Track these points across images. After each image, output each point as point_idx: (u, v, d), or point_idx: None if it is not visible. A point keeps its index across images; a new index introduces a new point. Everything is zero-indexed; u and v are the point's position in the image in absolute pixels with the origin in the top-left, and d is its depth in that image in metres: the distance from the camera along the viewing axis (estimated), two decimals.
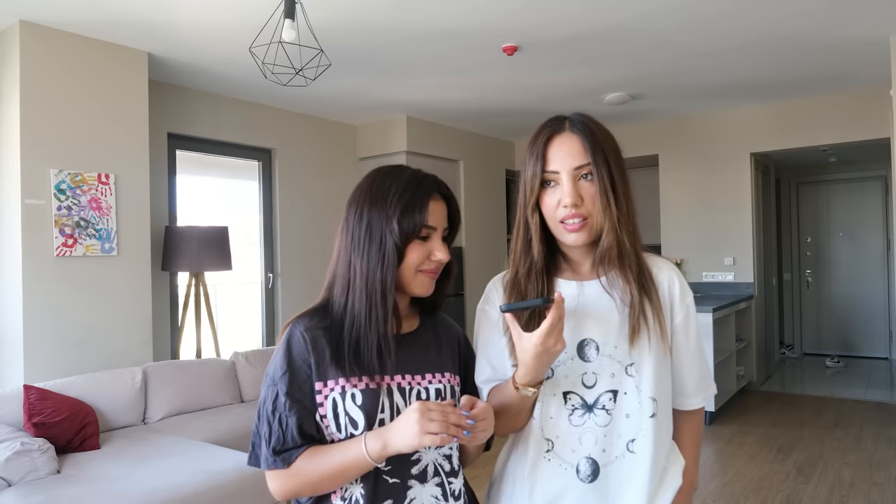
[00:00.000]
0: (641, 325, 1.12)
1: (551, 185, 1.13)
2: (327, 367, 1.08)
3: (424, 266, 1.13)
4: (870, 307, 7.35)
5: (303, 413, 1.07)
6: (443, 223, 1.15)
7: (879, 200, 7.27)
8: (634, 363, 1.12)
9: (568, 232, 1.11)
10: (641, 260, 1.17)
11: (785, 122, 5.50)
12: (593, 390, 1.12)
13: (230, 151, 4.90)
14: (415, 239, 1.11)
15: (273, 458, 1.06)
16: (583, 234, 1.11)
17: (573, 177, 1.11)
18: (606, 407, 1.12)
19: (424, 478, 1.10)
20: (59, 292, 3.34)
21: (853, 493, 3.43)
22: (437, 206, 1.13)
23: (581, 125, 1.15)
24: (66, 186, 3.36)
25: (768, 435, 4.51)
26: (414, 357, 1.15)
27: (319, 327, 1.11)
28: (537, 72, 4.36)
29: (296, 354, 1.09)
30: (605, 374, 1.12)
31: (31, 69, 3.26)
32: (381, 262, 1.09)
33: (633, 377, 1.12)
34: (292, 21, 2.69)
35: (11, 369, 3.31)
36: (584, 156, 1.12)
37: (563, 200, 1.10)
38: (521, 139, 6.99)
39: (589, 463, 1.12)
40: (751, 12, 3.38)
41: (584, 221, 1.11)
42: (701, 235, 5.92)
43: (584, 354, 1.13)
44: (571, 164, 1.11)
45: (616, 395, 1.12)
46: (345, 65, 4.06)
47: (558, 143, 1.13)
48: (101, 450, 2.92)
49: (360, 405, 1.06)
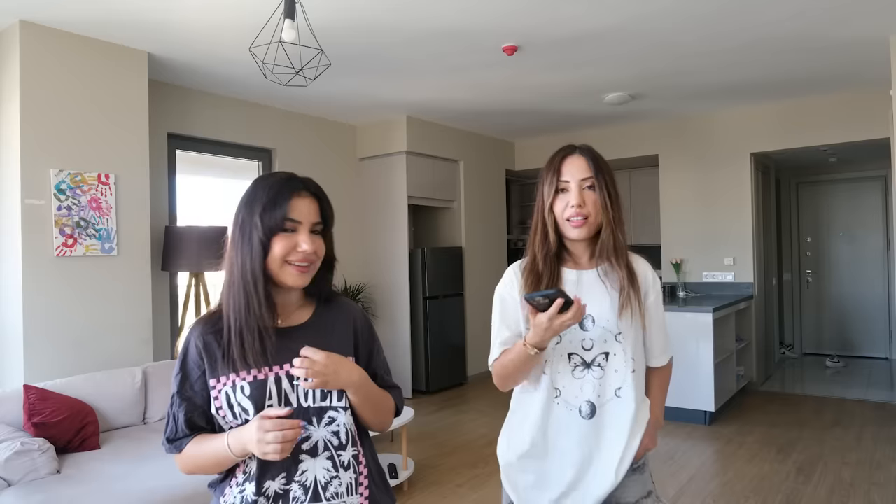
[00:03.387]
0: (627, 304, 1.51)
1: (563, 192, 1.53)
2: (219, 366, 1.22)
3: (292, 257, 1.21)
4: (870, 307, 7.35)
5: (191, 408, 1.23)
6: (310, 217, 1.23)
7: (879, 200, 7.26)
8: (622, 332, 1.52)
9: (573, 227, 1.51)
10: (628, 255, 1.57)
11: (785, 122, 5.50)
12: (591, 352, 1.53)
13: (230, 151, 4.90)
14: (279, 232, 1.20)
15: (168, 446, 1.26)
16: (584, 229, 1.51)
17: (579, 186, 1.51)
18: (601, 364, 1.52)
19: (315, 452, 1.23)
20: (59, 292, 3.34)
21: (853, 493, 3.43)
22: (302, 201, 1.23)
23: (588, 151, 1.55)
24: (66, 186, 3.36)
25: (768, 435, 4.51)
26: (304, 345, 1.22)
27: (211, 332, 1.23)
28: (537, 72, 4.36)
29: (189, 360, 1.24)
30: (599, 341, 1.52)
31: (31, 69, 3.26)
32: (249, 255, 1.19)
33: (621, 343, 1.52)
34: (292, 21, 2.69)
35: (11, 369, 3.31)
36: (589, 171, 1.52)
37: (570, 202, 1.50)
38: (521, 139, 6.99)
39: (588, 405, 1.52)
40: (751, 13, 3.38)
41: (585, 220, 1.50)
42: (701, 235, 5.92)
43: (583, 325, 1.53)
44: (579, 176, 1.51)
45: (608, 356, 1.52)
46: (345, 65, 4.06)
47: (570, 161, 1.54)
48: (101, 450, 2.92)
49: (249, 396, 1.20)
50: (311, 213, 1.23)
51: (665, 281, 6.13)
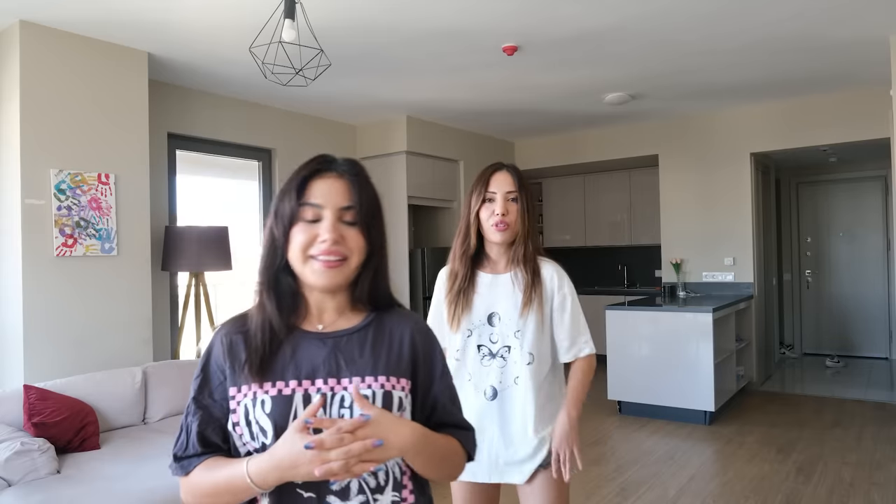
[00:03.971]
0: (528, 305, 1.75)
1: (489, 202, 1.79)
2: (241, 373, 1.03)
3: (313, 249, 1.02)
4: (870, 307, 7.34)
5: (205, 419, 1.03)
6: (335, 201, 1.03)
7: (879, 200, 7.26)
8: (520, 330, 1.77)
9: (496, 231, 1.76)
10: (536, 262, 1.81)
11: (785, 122, 5.50)
12: (496, 345, 1.80)
13: (230, 151, 4.90)
14: (298, 221, 1.03)
15: (175, 465, 1.03)
16: (506, 234, 1.77)
17: (505, 197, 1.77)
18: (503, 356, 1.79)
19: (346, 495, 1.00)
20: (59, 292, 3.34)
21: (853, 493, 3.43)
22: (325, 182, 1.05)
23: (514, 169, 1.83)
24: (66, 186, 3.36)
25: (768, 435, 4.51)
26: (345, 357, 1.04)
27: (240, 331, 1.06)
28: (537, 72, 4.36)
29: (213, 360, 1.06)
30: (502, 336, 1.79)
31: (31, 69, 3.26)
32: (270, 250, 1.05)
33: (519, 339, 1.77)
34: (292, 21, 2.69)
35: (11, 369, 3.31)
36: (514, 186, 1.79)
37: (495, 210, 1.76)
38: (521, 139, 6.99)
39: (492, 389, 1.79)
40: (751, 12, 3.38)
41: (507, 227, 1.76)
42: (701, 235, 5.92)
43: (491, 322, 1.80)
44: (505, 189, 1.78)
45: (510, 349, 1.78)
46: (345, 65, 4.06)
47: (498, 176, 1.81)
48: (101, 450, 2.91)
49: (269, 413, 0.99)
50: (337, 196, 1.03)
51: (665, 281, 6.13)
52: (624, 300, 6.04)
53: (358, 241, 1.04)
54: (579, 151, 6.64)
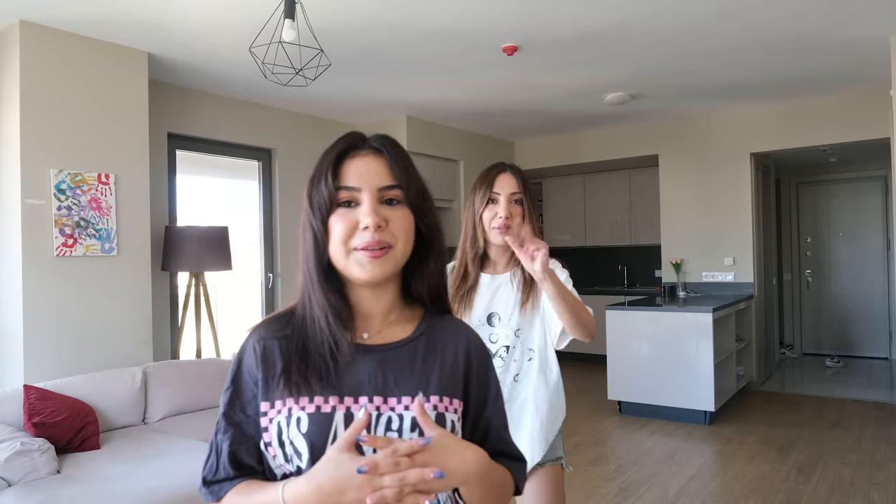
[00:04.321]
0: (526, 303, 1.75)
1: (492, 203, 1.76)
2: (276, 385, 0.90)
3: (355, 240, 0.89)
4: (870, 307, 7.34)
5: (238, 438, 0.92)
6: (373, 180, 0.91)
7: (879, 200, 7.26)
8: (520, 328, 1.76)
9: (499, 233, 1.73)
10: None
11: (785, 122, 5.50)
12: (496, 345, 1.77)
13: (230, 151, 4.90)
14: (334, 207, 0.91)
15: (205, 490, 0.92)
16: (507, 236, 1.68)
17: (508, 199, 1.75)
18: (502, 355, 1.77)
19: None
20: (59, 292, 3.34)
21: (853, 493, 3.43)
22: (360, 161, 0.92)
23: (518, 170, 1.81)
24: (66, 186, 3.36)
25: (768, 435, 4.51)
26: (394, 373, 0.92)
27: (276, 336, 0.93)
28: (537, 72, 4.36)
29: (245, 369, 0.93)
30: (502, 335, 1.78)
31: (31, 69, 3.26)
32: (314, 244, 0.92)
33: (519, 337, 1.77)
34: (292, 21, 2.69)
35: (11, 369, 3.31)
36: (518, 188, 1.77)
37: (499, 212, 1.74)
38: (521, 139, 6.99)
39: None
40: (751, 12, 3.38)
41: (508, 228, 1.72)
42: (701, 235, 5.92)
43: (490, 322, 1.79)
44: (509, 191, 1.76)
45: (509, 349, 1.77)
46: (345, 65, 4.06)
47: (502, 177, 1.78)
48: (101, 450, 2.91)
49: (306, 433, 0.86)
50: (375, 175, 0.91)
51: (665, 281, 6.13)
52: (624, 300, 6.04)
53: (404, 224, 0.91)
54: (579, 151, 6.64)
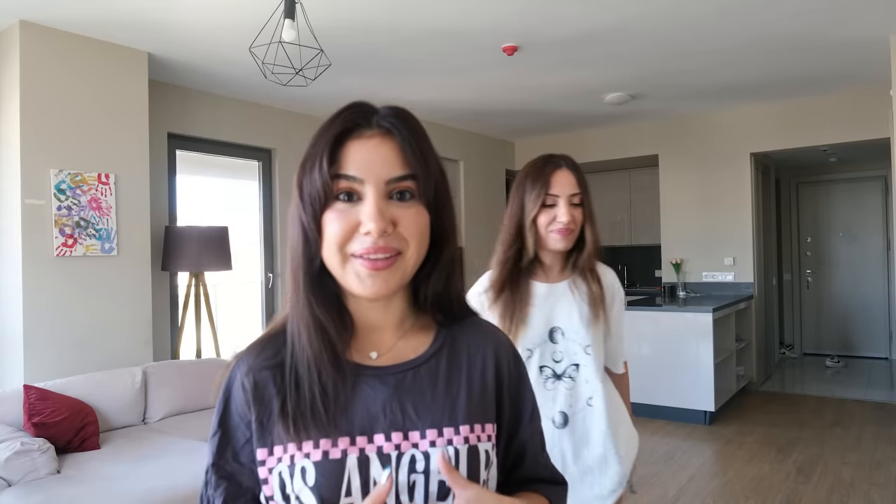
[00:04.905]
0: (598, 316, 1.54)
1: (549, 206, 1.52)
2: (273, 427, 0.73)
3: (354, 245, 0.71)
4: (870, 307, 7.34)
5: (233, 493, 0.75)
6: (381, 171, 0.72)
7: (879, 200, 7.26)
8: (591, 344, 1.53)
9: (559, 238, 1.51)
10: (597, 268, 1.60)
11: (785, 122, 5.50)
12: (561, 364, 1.54)
13: (230, 151, 4.90)
14: (332, 202, 0.72)
15: None
16: (568, 240, 1.53)
17: (568, 201, 1.51)
18: (571, 375, 1.54)
19: None
20: (59, 292, 3.34)
21: (853, 493, 3.43)
22: (364, 145, 0.73)
23: (574, 166, 1.56)
24: (66, 186, 3.36)
25: (768, 435, 4.51)
26: (413, 401, 0.75)
27: (268, 366, 0.75)
28: (537, 72, 4.36)
29: (234, 409, 0.76)
30: (568, 353, 1.54)
31: (31, 69, 3.26)
32: (303, 246, 0.74)
33: (590, 355, 1.53)
34: (292, 21, 2.69)
35: (11, 369, 3.31)
36: (577, 188, 1.53)
37: (558, 217, 1.50)
38: (521, 139, 6.99)
39: (562, 415, 1.54)
40: (751, 12, 3.38)
41: (571, 233, 1.52)
42: (701, 235, 5.92)
43: (553, 338, 1.55)
44: (568, 192, 1.52)
45: (578, 367, 1.54)
46: (345, 65, 4.06)
47: (559, 175, 1.52)
48: (101, 450, 2.91)
49: (314, 485, 0.70)
50: (383, 163, 0.72)
51: (665, 281, 6.13)
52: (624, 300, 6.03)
53: (417, 224, 0.73)
54: (579, 151, 6.64)
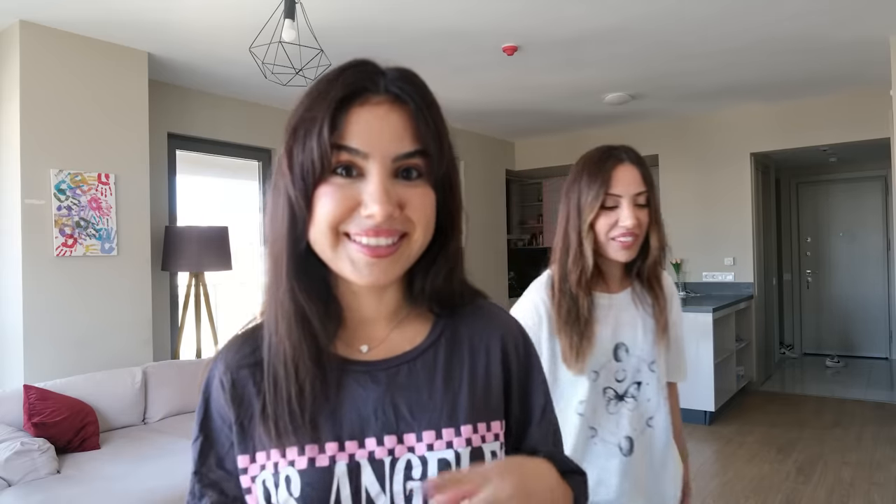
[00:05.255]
0: (665, 329, 1.35)
1: (610, 209, 1.28)
2: (255, 431, 0.67)
3: (352, 226, 0.63)
4: (870, 307, 7.34)
5: (219, 502, 0.69)
6: (387, 146, 0.63)
7: (879, 200, 7.26)
8: (655, 360, 1.35)
9: (622, 249, 1.28)
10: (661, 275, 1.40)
11: (785, 122, 5.50)
12: (623, 384, 1.34)
13: (230, 151, 4.90)
14: (328, 176, 0.63)
15: None
16: (633, 250, 1.30)
17: (633, 201, 1.28)
18: (633, 395, 1.34)
19: None
20: (59, 292, 3.34)
21: (853, 493, 3.43)
22: (369, 113, 0.63)
23: (638, 159, 1.32)
24: (66, 186, 3.36)
25: (768, 435, 4.51)
26: (407, 399, 0.68)
27: (247, 364, 0.69)
28: (537, 72, 4.36)
29: (215, 411, 0.70)
30: (631, 370, 1.34)
31: (31, 69, 3.26)
32: (289, 224, 0.65)
33: (655, 372, 1.35)
34: (292, 21, 2.69)
35: (11, 369, 3.31)
36: (643, 185, 1.29)
37: (622, 221, 1.26)
38: (522, 139, 6.99)
39: (627, 441, 1.34)
40: (751, 13, 3.38)
41: (635, 239, 1.29)
42: (701, 235, 5.92)
43: (617, 356, 1.34)
44: (633, 191, 1.28)
45: (640, 385, 1.35)
46: None
47: (622, 171, 1.28)
48: (101, 450, 2.92)
49: (300, 496, 0.64)
50: (391, 136, 0.63)
51: None
52: None
53: (425, 206, 0.65)
54: (579, 151, 6.50)
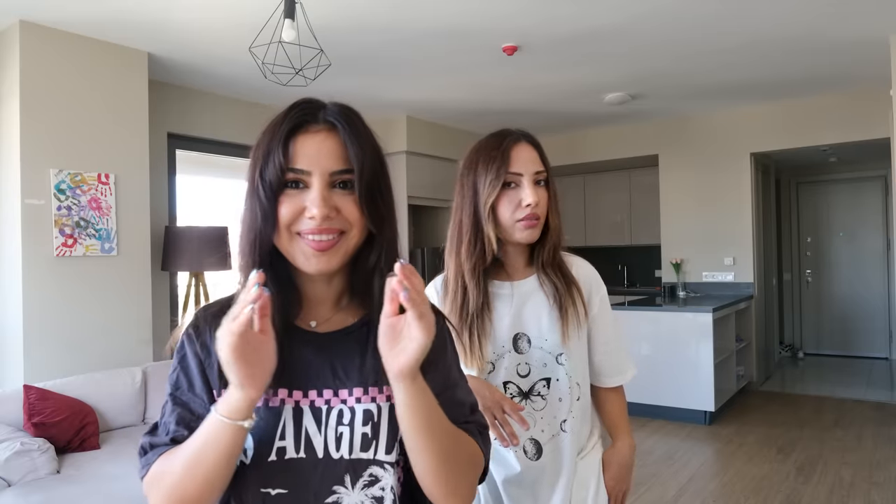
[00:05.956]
0: (570, 318, 1.24)
1: (510, 188, 1.22)
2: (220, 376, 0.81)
3: (300, 225, 0.81)
4: (870, 307, 7.34)
5: (186, 417, 0.84)
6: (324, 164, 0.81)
7: (879, 200, 7.26)
8: (564, 353, 1.25)
9: (525, 229, 1.22)
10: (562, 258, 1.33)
11: (785, 122, 5.50)
12: (528, 379, 1.25)
13: (230, 151, 4.90)
14: (283, 189, 0.82)
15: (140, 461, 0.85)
16: (536, 231, 1.24)
17: (533, 180, 1.22)
18: (542, 393, 1.25)
19: None
20: (59, 292, 3.34)
21: (853, 493, 3.43)
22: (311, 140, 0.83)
23: (535, 140, 1.27)
24: (66, 186, 3.36)
25: (768, 435, 4.51)
26: (343, 364, 0.85)
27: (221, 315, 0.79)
28: (537, 72, 4.36)
29: (188, 348, 0.87)
30: (537, 364, 1.25)
31: (31, 69, 3.26)
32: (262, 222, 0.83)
33: (564, 365, 1.26)
34: (292, 21, 2.69)
35: (11, 369, 3.31)
36: (541, 164, 1.24)
37: (523, 200, 1.20)
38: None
39: (532, 443, 1.25)
40: (751, 12, 3.38)
41: (537, 220, 1.23)
42: (701, 235, 5.92)
43: (518, 347, 1.26)
44: (532, 169, 1.22)
45: (549, 382, 1.25)
46: (345, 65, 4.06)
47: (520, 150, 1.23)
48: (101, 450, 2.92)
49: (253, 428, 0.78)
50: (327, 158, 0.81)
51: (665, 281, 6.13)
52: (624, 300, 6.04)
53: (355, 212, 0.83)
54: (579, 151, 6.64)
